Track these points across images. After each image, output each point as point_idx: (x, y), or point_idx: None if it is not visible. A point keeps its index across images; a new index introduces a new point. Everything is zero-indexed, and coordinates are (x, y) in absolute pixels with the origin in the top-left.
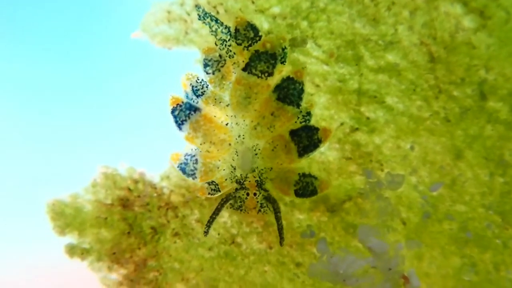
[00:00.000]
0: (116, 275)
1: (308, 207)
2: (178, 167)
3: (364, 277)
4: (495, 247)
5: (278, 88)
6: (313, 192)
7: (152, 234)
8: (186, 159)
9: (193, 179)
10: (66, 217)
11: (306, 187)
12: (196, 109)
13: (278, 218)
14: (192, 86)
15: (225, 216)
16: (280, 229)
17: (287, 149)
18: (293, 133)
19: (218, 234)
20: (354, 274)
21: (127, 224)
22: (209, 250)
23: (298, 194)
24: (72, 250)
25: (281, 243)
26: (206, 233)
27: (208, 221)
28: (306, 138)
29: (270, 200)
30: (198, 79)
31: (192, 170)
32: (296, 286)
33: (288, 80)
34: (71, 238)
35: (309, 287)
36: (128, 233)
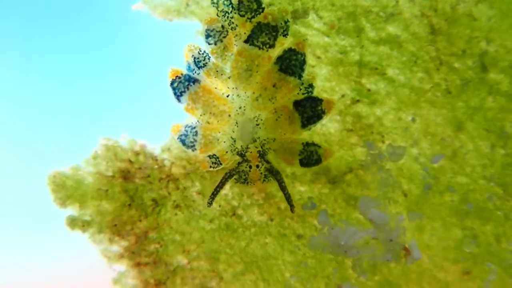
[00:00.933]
0: (117, 247)
1: (309, 179)
2: (178, 138)
3: (365, 248)
4: (496, 219)
5: (280, 59)
6: (318, 161)
7: (153, 206)
8: (186, 131)
9: (193, 150)
10: (67, 189)
11: (310, 156)
12: (195, 80)
13: (283, 188)
14: (194, 57)
15: (226, 188)
16: (288, 197)
17: (291, 119)
18: (297, 103)
19: (219, 206)
20: (355, 246)
21: (128, 196)
22: (210, 222)
23: (303, 163)
24: (73, 222)
25: (292, 210)
26: (209, 204)
27: (212, 194)
28: (310, 109)
29: (273, 172)
30: (200, 51)
31: (191, 142)
32: (297, 258)
33: (290, 51)
34: (72, 210)
35: (310, 259)
36: (129, 205)
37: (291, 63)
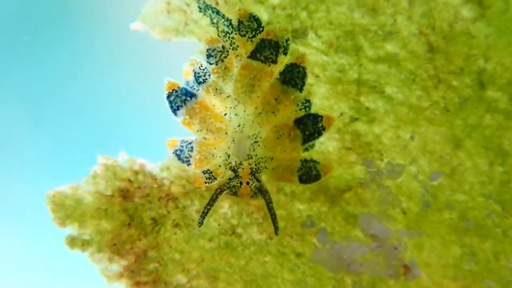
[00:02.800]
0: (116, 266)
1: (308, 197)
2: (173, 153)
3: (368, 262)
4: (495, 236)
5: (282, 73)
6: (317, 177)
7: (152, 225)
8: (182, 146)
9: (188, 165)
10: (66, 209)
11: (309, 172)
12: (192, 95)
13: (270, 208)
14: (195, 72)
15: (225, 207)
16: (273, 218)
17: (292, 137)
18: (298, 121)
19: (219, 224)
20: (358, 260)
21: (127, 215)
22: (210, 241)
23: (302, 180)
24: (72, 242)
25: (276, 232)
26: (200, 224)
27: (203, 212)
28: (312, 126)
29: (262, 191)
30: (202, 66)
31: (187, 157)
32: (296, 276)
33: (291, 65)
34: (72, 230)
35: (309, 277)
36: (129, 224)
37: (294, 75)
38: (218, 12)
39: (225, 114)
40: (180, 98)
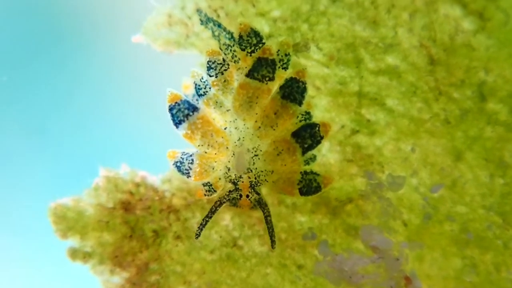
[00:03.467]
0: (118, 278)
1: (309, 209)
2: (173, 164)
3: (369, 274)
4: (496, 248)
5: (282, 87)
6: (317, 189)
7: (154, 237)
8: (182, 158)
9: (187, 177)
10: (68, 221)
11: (309, 184)
12: (194, 109)
13: (268, 222)
14: (196, 85)
15: (226, 219)
16: (271, 232)
17: (291, 151)
18: (295, 134)
19: (220, 237)
20: (359, 271)
21: (129, 228)
22: (211, 253)
23: (302, 192)
24: (74, 254)
25: (272, 246)
26: (197, 235)
27: (201, 224)
28: (309, 137)
29: (261, 204)
30: (202, 79)
31: (186, 170)
32: None
33: (291, 80)
34: (73, 242)
35: None
36: (130, 236)
37: (293, 90)
38: (219, 25)
39: (225, 128)
40: (182, 112)
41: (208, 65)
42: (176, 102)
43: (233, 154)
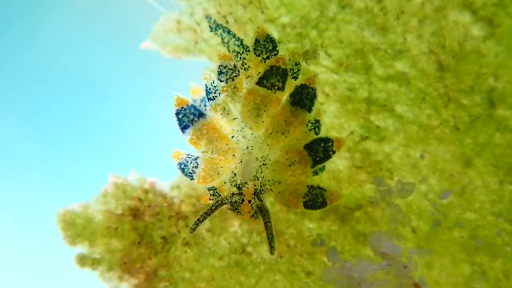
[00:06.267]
0: (127, 285)
1: (318, 216)
2: (177, 165)
3: (378, 281)
4: (505, 255)
5: (292, 95)
6: (323, 204)
7: (162, 244)
8: (187, 160)
9: (190, 180)
10: (76, 227)
11: (315, 199)
12: (200, 115)
13: (268, 228)
14: (206, 87)
15: (235, 225)
16: (270, 238)
17: (303, 162)
18: (308, 146)
19: (229, 243)
20: (368, 278)
21: (137, 234)
22: (220, 260)
23: (307, 206)
24: (83, 260)
25: (271, 252)
26: (192, 230)
27: (198, 220)
28: (322, 151)
29: (262, 210)
30: (214, 83)
31: (190, 173)
32: None
33: (301, 86)
34: (82, 248)
35: None
36: (139, 243)
37: (303, 97)
38: (229, 32)
39: (232, 137)
40: (188, 118)
41: (219, 70)
42: (182, 107)
43: (240, 161)
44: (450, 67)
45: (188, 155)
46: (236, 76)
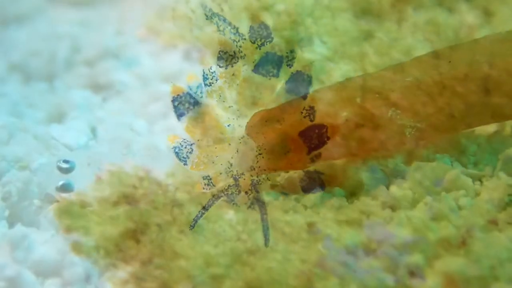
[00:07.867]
0: (122, 273)
1: (313, 203)
2: (172, 148)
3: (374, 268)
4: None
5: (288, 81)
6: (321, 187)
7: (157, 231)
8: (181, 145)
9: (184, 164)
10: (71, 215)
11: (313, 183)
12: (195, 103)
13: (263, 220)
14: (204, 73)
15: (230, 213)
16: (265, 230)
17: (298, 149)
18: (302, 133)
19: (224, 231)
20: (363, 266)
21: (132, 222)
22: (215, 247)
23: (305, 190)
24: (78, 248)
25: (266, 244)
26: (192, 227)
27: (196, 216)
28: (317, 137)
29: (259, 201)
30: (211, 69)
31: (184, 158)
32: (302, 283)
33: (297, 73)
34: (77, 236)
35: (315, 283)
36: (134, 230)
37: (298, 84)
38: (225, 20)
39: (228, 125)
40: (183, 105)
41: (219, 55)
42: (178, 95)
43: (237, 151)
44: (445, 55)
45: (184, 140)
46: (235, 63)
